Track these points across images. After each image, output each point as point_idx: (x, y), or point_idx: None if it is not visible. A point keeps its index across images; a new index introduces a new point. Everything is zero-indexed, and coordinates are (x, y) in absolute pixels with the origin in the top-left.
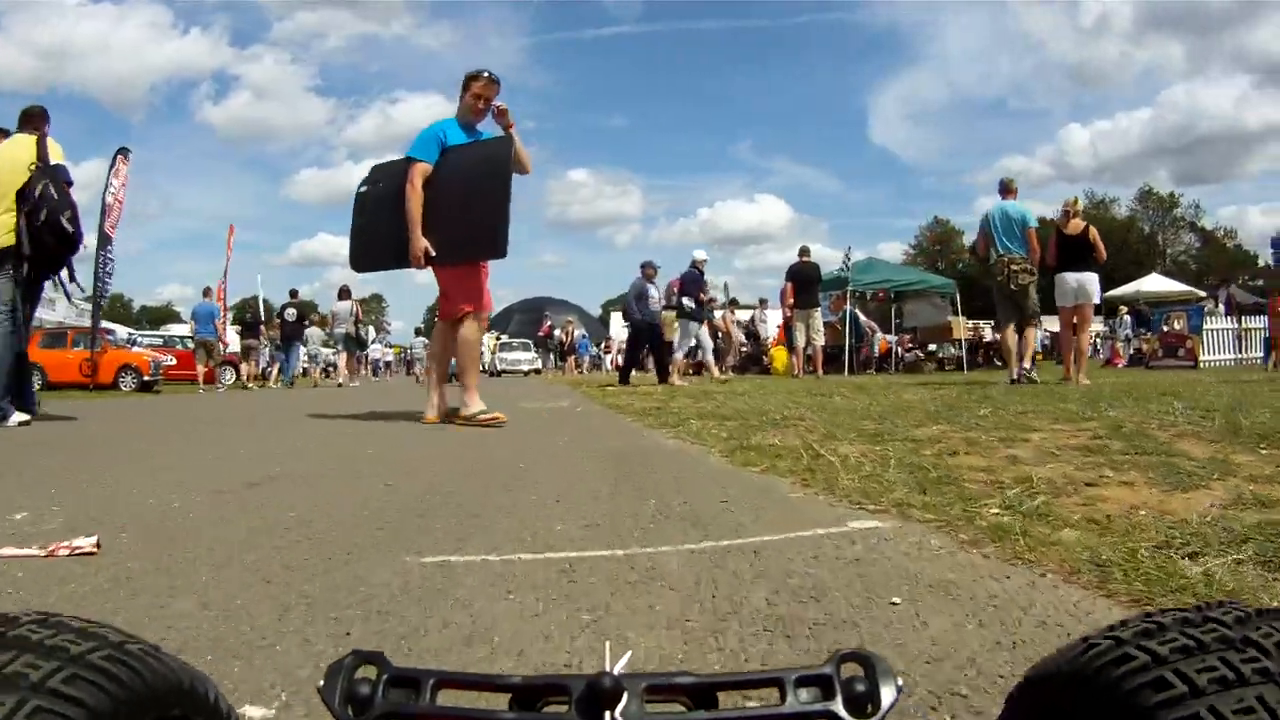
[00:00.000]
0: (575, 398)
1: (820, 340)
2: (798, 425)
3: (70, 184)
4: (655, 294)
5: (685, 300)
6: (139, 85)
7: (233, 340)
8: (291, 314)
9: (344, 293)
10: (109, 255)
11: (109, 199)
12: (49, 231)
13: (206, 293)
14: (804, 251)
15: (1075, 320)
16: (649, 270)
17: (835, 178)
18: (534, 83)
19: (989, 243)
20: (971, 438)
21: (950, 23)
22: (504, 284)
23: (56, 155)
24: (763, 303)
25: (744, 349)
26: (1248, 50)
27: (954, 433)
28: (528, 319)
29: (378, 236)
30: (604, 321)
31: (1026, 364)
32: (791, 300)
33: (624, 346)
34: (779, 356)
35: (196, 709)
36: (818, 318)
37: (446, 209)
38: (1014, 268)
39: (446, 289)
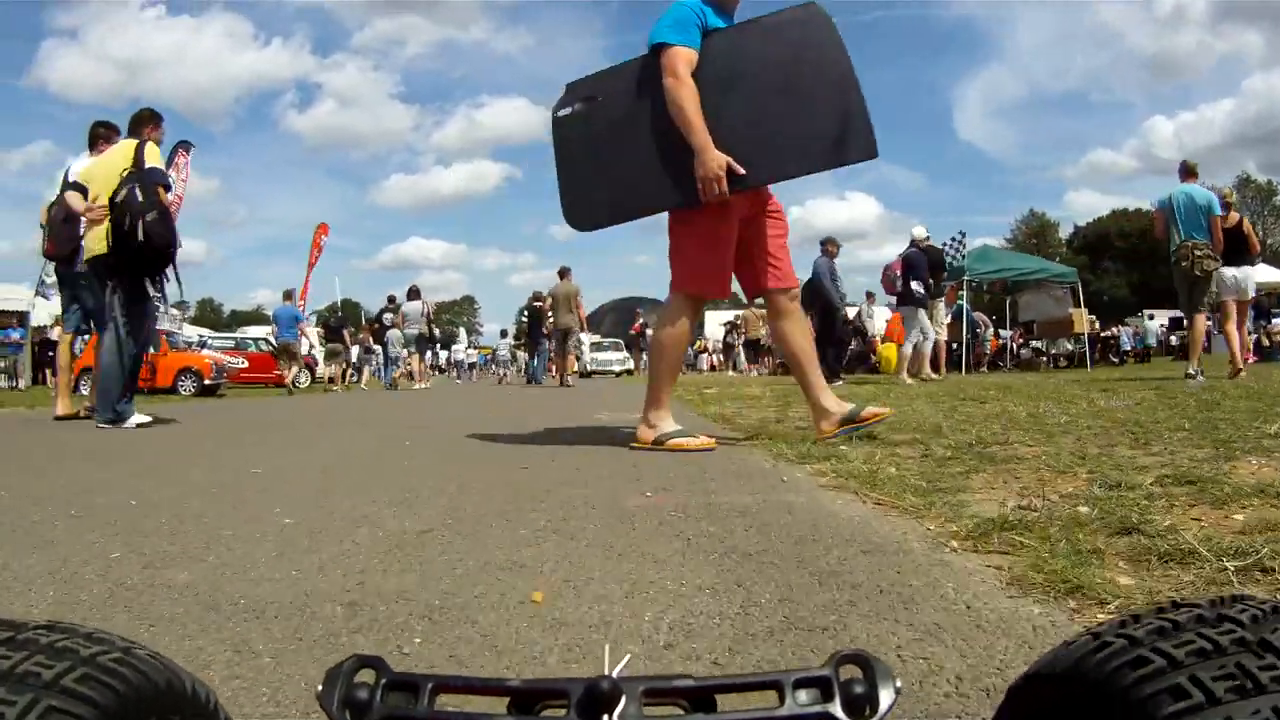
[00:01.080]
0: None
1: (944, 334)
2: (1021, 459)
3: (166, 187)
4: (840, 273)
5: (915, 285)
6: (222, 95)
7: (307, 344)
8: (389, 319)
9: (413, 293)
10: None
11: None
12: (133, 236)
13: (288, 295)
14: None
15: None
16: (831, 247)
17: (922, 174)
18: None
19: (1169, 226)
20: None
21: (1024, 17)
22: (596, 284)
23: (153, 159)
24: (870, 296)
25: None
26: None
27: None
28: (620, 318)
29: (616, 174)
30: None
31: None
32: None
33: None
34: (889, 354)
35: (197, 714)
36: (940, 309)
37: (738, 112)
38: (1198, 253)
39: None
